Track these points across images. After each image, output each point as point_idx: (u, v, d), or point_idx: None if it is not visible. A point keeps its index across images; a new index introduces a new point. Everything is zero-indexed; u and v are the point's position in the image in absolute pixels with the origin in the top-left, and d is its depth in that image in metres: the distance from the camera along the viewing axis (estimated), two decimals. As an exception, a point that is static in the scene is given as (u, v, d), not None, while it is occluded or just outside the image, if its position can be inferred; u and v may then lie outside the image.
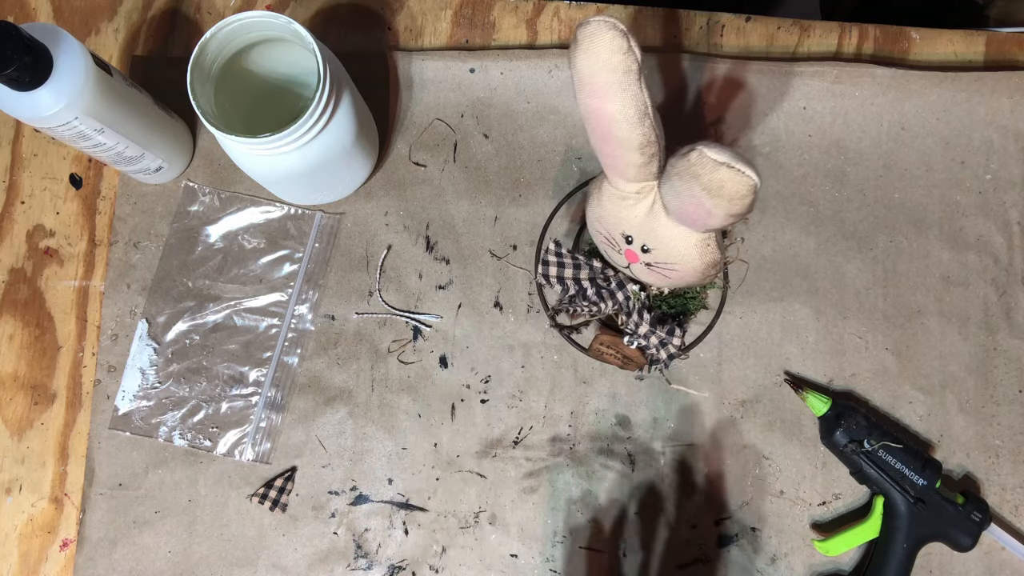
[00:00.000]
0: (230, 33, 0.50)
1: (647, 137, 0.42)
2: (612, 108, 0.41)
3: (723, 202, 0.40)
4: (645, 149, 0.43)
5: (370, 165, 0.61)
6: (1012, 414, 0.58)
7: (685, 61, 0.62)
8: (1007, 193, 0.61)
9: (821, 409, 0.56)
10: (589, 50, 0.40)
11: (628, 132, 0.42)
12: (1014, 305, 0.60)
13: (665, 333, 0.53)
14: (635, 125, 0.41)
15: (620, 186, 0.46)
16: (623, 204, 0.47)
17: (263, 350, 0.60)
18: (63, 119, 0.49)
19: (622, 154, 0.44)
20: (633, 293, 0.53)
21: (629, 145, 0.42)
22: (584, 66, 0.40)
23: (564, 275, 0.54)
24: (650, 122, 0.42)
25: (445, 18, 0.65)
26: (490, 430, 0.59)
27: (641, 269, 0.50)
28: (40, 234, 0.63)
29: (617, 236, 0.49)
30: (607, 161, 0.46)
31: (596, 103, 0.42)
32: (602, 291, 0.54)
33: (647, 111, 0.41)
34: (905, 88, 0.61)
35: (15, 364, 0.61)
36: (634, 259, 0.50)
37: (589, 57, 0.40)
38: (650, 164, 0.44)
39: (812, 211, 0.61)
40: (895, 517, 0.54)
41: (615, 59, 0.39)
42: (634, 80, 0.40)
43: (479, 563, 0.58)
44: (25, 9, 0.66)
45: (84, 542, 0.58)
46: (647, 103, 0.41)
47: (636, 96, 0.40)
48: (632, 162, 0.44)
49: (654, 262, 0.49)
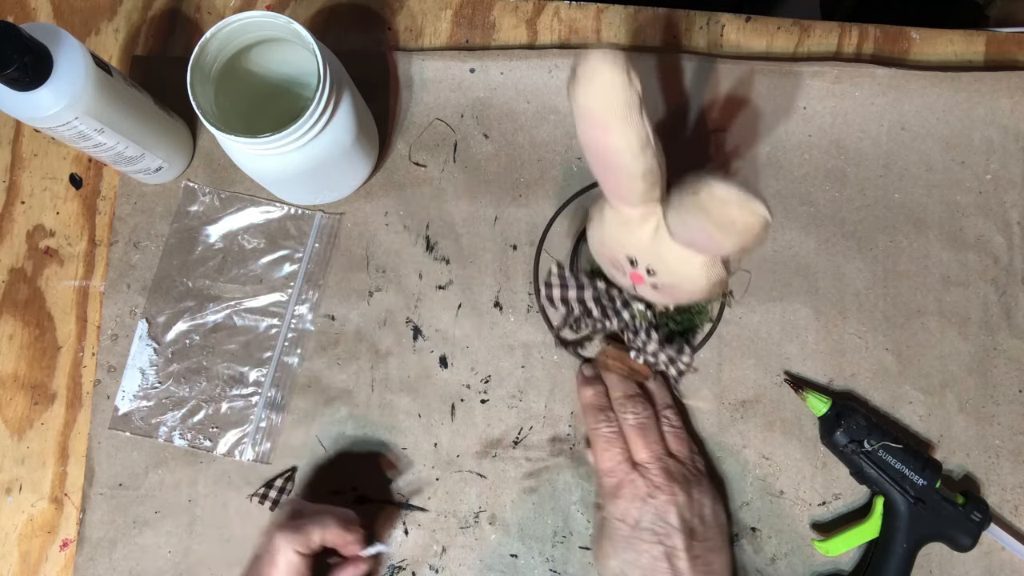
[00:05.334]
0: (230, 33, 0.50)
1: (649, 165, 0.42)
2: (614, 140, 0.41)
3: (734, 237, 0.40)
4: (648, 176, 0.42)
5: (370, 165, 0.61)
6: (1012, 414, 0.58)
7: (685, 61, 0.62)
8: (1007, 193, 0.61)
9: (821, 409, 0.56)
10: (590, 85, 0.39)
11: (631, 162, 0.42)
12: (1014, 305, 0.60)
13: (674, 351, 0.53)
14: (637, 155, 0.41)
15: (623, 210, 0.46)
16: (626, 227, 0.47)
17: (263, 350, 0.60)
18: (63, 119, 0.49)
19: (625, 182, 0.43)
20: (639, 312, 0.53)
21: (632, 174, 0.42)
22: (585, 101, 0.40)
23: (568, 296, 0.54)
24: (652, 151, 0.41)
25: (445, 18, 0.65)
26: (490, 430, 0.59)
27: (647, 290, 0.50)
28: (40, 234, 0.63)
29: (621, 259, 0.49)
30: (609, 188, 0.46)
31: (598, 135, 0.42)
32: (607, 310, 0.54)
33: (649, 141, 0.41)
34: (905, 88, 0.61)
35: (15, 364, 0.61)
36: (639, 281, 0.50)
37: (590, 92, 0.40)
38: (653, 189, 0.44)
39: (812, 211, 0.61)
40: (895, 517, 0.54)
41: (616, 94, 0.39)
42: (635, 113, 0.40)
43: (479, 563, 0.58)
44: (25, 9, 0.66)
45: (84, 542, 0.58)
46: (648, 133, 0.41)
47: (638, 127, 0.40)
48: (635, 189, 0.43)
49: (659, 283, 0.48)
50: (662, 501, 0.51)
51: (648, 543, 0.50)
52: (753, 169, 0.61)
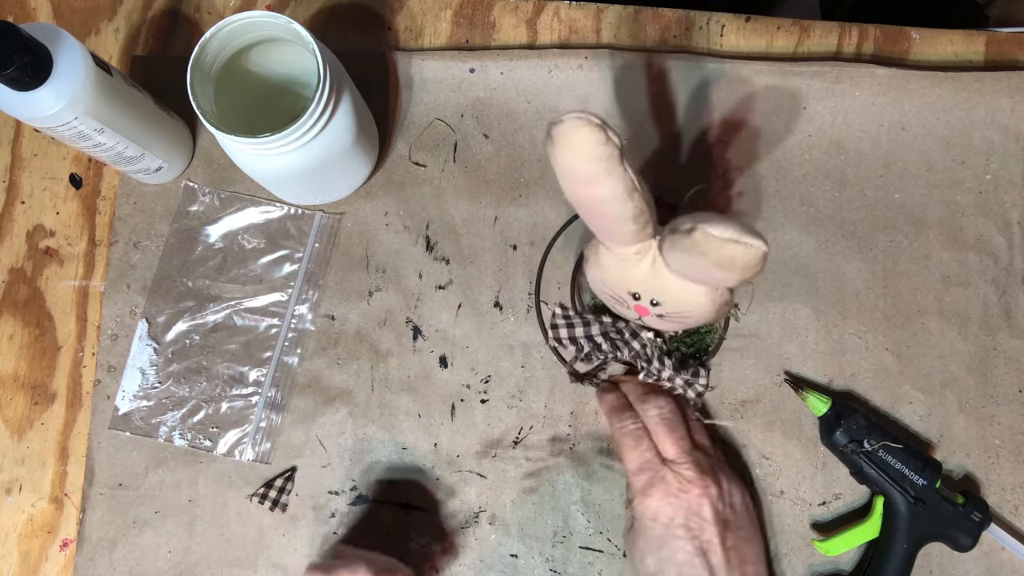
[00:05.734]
0: (230, 33, 0.50)
1: (639, 209, 0.42)
2: (600, 192, 0.41)
3: (734, 273, 0.40)
4: (639, 218, 0.43)
5: (370, 165, 0.61)
6: (1012, 414, 0.58)
7: (685, 61, 0.62)
8: (1007, 193, 0.61)
9: (821, 409, 0.56)
10: (568, 147, 0.40)
11: (620, 209, 0.42)
12: (1014, 305, 0.60)
13: (689, 375, 0.53)
14: (626, 201, 0.41)
15: (617, 251, 0.46)
16: (623, 265, 0.47)
17: (263, 350, 0.60)
18: (63, 119, 0.49)
19: (617, 227, 0.44)
20: (649, 341, 0.53)
21: (623, 219, 0.43)
22: (565, 161, 0.40)
23: (576, 335, 0.54)
24: (639, 194, 0.41)
25: (445, 18, 0.65)
26: (490, 430, 0.59)
27: (654, 320, 0.50)
28: (40, 234, 0.63)
29: (623, 295, 0.49)
30: (602, 233, 0.46)
31: (582, 190, 0.42)
32: (616, 343, 0.54)
33: (635, 186, 0.41)
34: (905, 88, 0.61)
35: (15, 364, 0.61)
36: (645, 313, 0.50)
37: (568, 152, 0.40)
38: (645, 228, 0.44)
39: (812, 211, 0.61)
40: (895, 517, 0.54)
41: (595, 151, 0.39)
42: (616, 164, 0.40)
43: (479, 563, 0.58)
44: (25, 9, 0.66)
45: (84, 542, 0.58)
46: (633, 178, 0.41)
47: (622, 177, 0.40)
48: (627, 231, 0.44)
49: (666, 313, 0.48)
50: (695, 496, 0.50)
51: (682, 540, 0.50)
52: (754, 179, 0.61)
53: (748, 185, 0.61)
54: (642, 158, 0.62)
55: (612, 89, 0.62)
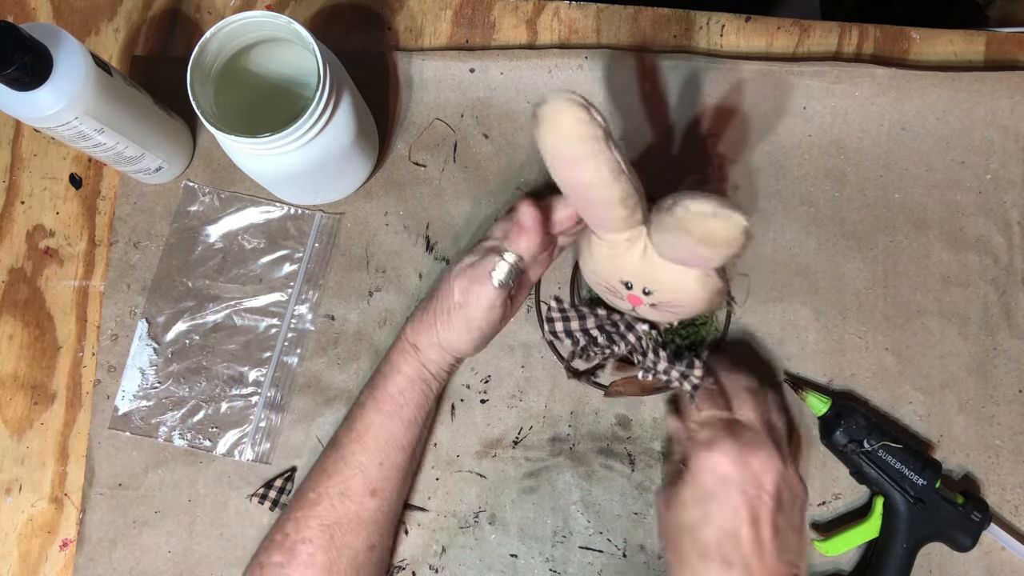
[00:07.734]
0: (230, 33, 0.50)
1: (626, 192, 0.42)
2: (587, 175, 0.41)
3: (718, 249, 0.40)
4: (627, 202, 0.43)
5: (370, 165, 0.61)
6: (1012, 414, 0.58)
7: (684, 61, 0.62)
8: (1007, 193, 0.61)
9: (821, 409, 0.56)
10: (553, 127, 0.40)
11: (607, 192, 0.42)
12: (1014, 305, 0.60)
13: (684, 367, 0.53)
14: (612, 185, 0.42)
15: (608, 238, 0.46)
16: (615, 253, 0.47)
17: (263, 350, 0.60)
18: (63, 119, 0.49)
19: (605, 212, 0.44)
20: (644, 333, 0.53)
21: (611, 203, 0.43)
22: (551, 142, 0.41)
23: (571, 328, 0.54)
24: (626, 177, 0.42)
25: (445, 18, 0.65)
26: (490, 430, 0.59)
27: (647, 310, 0.50)
28: (40, 234, 0.63)
29: (616, 284, 0.49)
30: (592, 219, 0.46)
31: (570, 173, 0.42)
32: (612, 336, 0.54)
33: (621, 168, 0.41)
34: (905, 88, 0.61)
35: (15, 364, 0.61)
36: (638, 303, 0.50)
37: (554, 134, 0.40)
38: (634, 214, 0.44)
39: (812, 211, 0.61)
40: (895, 517, 0.54)
41: (580, 130, 0.40)
42: (602, 145, 0.40)
43: (479, 563, 0.58)
44: (25, 9, 0.66)
45: (84, 542, 0.58)
46: (619, 161, 0.41)
47: (608, 159, 0.41)
48: (616, 216, 0.44)
49: (658, 302, 0.49)
50: (763, 459, 0.48)
51: (735, 501, 0.47)
52: (748, 171, 0.61)
53: (747, 184, 0.61)
54: (641, 157, 0.62)
55: (612, 89, 0.62)
